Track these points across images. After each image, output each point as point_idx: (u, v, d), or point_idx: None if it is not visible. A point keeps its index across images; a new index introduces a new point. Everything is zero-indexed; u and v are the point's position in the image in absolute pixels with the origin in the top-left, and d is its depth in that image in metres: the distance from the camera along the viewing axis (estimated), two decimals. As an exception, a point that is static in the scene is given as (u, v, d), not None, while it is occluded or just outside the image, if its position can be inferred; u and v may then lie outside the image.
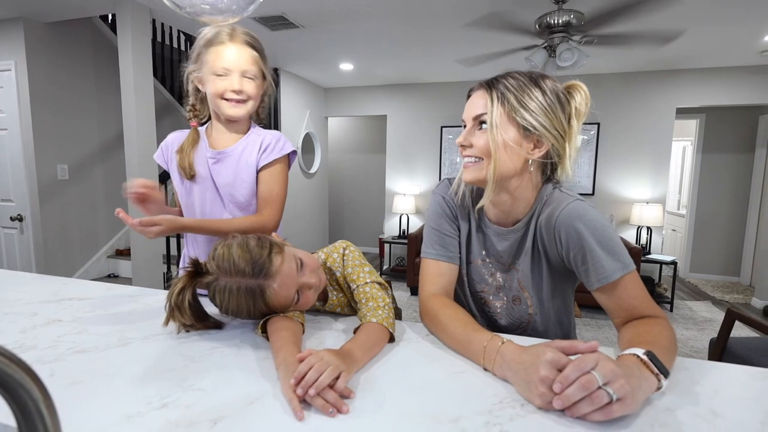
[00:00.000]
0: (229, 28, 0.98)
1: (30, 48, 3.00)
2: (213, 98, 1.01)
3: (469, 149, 0.79)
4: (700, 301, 4.14)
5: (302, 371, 0.57)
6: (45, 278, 1.22)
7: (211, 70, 0.98)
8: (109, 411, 0.55)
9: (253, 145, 1.05)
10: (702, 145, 4.80)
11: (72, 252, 3.48)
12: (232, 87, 0.98)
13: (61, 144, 3.28)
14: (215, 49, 0.97)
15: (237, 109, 1.01)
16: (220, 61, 0.97)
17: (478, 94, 0.78)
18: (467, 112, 0.79)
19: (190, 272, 0.77)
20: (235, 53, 0.97)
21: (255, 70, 1.00)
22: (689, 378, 0.65)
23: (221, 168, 1.05)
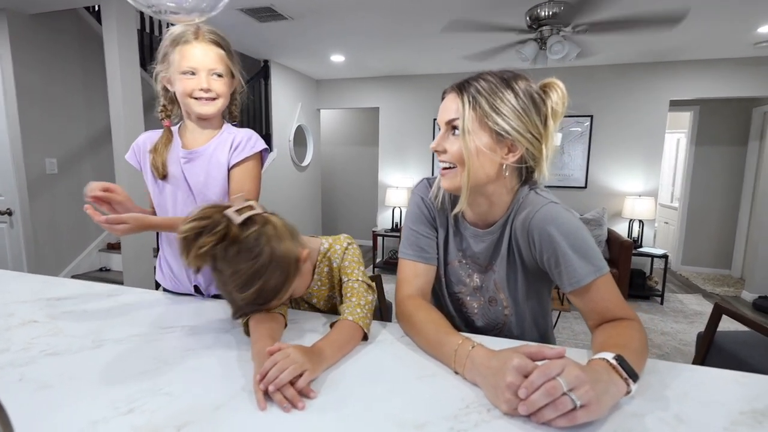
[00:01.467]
0: (194, 26, 0.97)
1: (14, 40, 2.94)
2: (182, 97, 1.00)
3: (443, 155, 0.78)
4: (690, 294, 4.17)
5: (266, 368, 0.59)
6: (26, 277, 1.21)
7: (178, 70, 0.97)
8: (74, 417, 0.55)
9: (224, 144, 1.05)
10: (695, 137, 4.80)
11: (63, 246, 3.46)
12: (200, 86, 0.97)
13: (49, 138, 3.24)
14: (181, 48, 0.96)
15: (207, 107, 1.00)
16: (186, 60, 0.96)
17: (450, 98, 0.77)
18: (440, 116, 0.78)
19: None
20: (201, 52, 0.97)
21: (222, 68, 1.00)
22: (660, 381, 0.65)
23: (193, 167, 1.04)
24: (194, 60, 0.96)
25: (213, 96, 1.00)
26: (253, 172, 1.06)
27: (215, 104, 1.01)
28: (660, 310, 3.70)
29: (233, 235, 0.68)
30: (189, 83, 0.97)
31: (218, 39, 1.00)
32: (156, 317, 0.91)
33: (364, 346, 0.77)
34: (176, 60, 0.97)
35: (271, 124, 4.23)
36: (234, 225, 0.68)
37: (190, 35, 0.96)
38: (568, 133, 4.25)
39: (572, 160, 4.28)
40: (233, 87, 1.07)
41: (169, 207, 1.07)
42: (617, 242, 3.73)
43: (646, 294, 3.93)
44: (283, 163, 4.46)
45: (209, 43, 0.98)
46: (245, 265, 0.69)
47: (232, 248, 0.68)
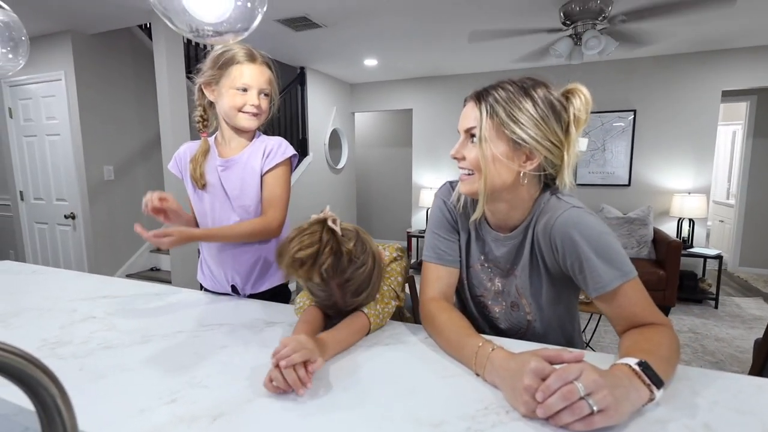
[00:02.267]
0: (248, 48, 1.07)
1: (77, 58, 3.22)
2: (229, 110, 1.07)
3: (462, 162, 0.79)
4: (749, 297, 3.87)
5: (279, 348, 0.64)
6: (86, 276, 1.34)
7: (232, 85, 1.05)
8: (125, 404, 0.61)
9: (257, 152, 1.11)
10: (753, 129, 4.45)
11: (118, 247, 3.73)
12: (252, 102, 1.06)
13: (106, 147, 3.51)
14: (238, 66, 1.05)
15: (252, 121, 1.09)
16: (242, 78, 1.05)
17: (469, 106, 0.78)
18: (460, 124, 0.79)
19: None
20: (257, 72, 1.06)
21: (270, 89, 1.10)
22: (690, 388, 0.63)
23: (229, 175, 1.11)
24: (249, 78, 1.05)
25: (258, 112, 1.09)
26: (283, 177, 1.12)
27: (259, 119, 1.10)
28: (714, 314, 3.46)
29: (342, 248, 0.75)
30: (240, 98, 1.06)
31: (270, 63, 1.10)
32: (197, 315, 0.99)
33: (386, 347, 0.79)
34: (231, 76, 1.05)
35: (307, 128, 4.35)
36: (340, 237, 0.75)
37: (247, 56, 1.06)
38: (610, 128, 4.07)
39: (614, 157, 4.10)
40: (273, 104, 1.15)
41: (208, 214, 1.14)
42: (664, 242, 3.53)
43: (699, 297, 3.69)
44: (319, 166, 4.57)
45: (263, 65, 1.08)
46: (358, 272, 0.77)
47: (343, 259, 0.75)
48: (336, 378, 0.68)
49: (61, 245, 3.61)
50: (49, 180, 3.55)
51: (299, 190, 4.21)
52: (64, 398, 0.37)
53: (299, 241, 0.74)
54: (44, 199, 3.61)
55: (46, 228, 3.67)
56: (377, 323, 0.83)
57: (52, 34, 3.23)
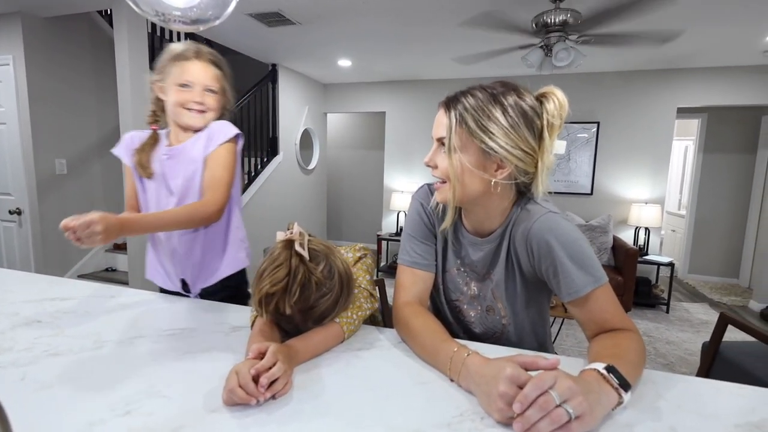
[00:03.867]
0: (196, 46, 1.07)
1: (28, 43, 3.00)
2: (174, 107, 1.06)
3: (435, 170, 0.78)
4: (697, 302, 4.12)
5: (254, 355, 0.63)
6: (32, 277, 1.23)
7: (175, 82, 1.04)
8: (73, 418, 0.56)
9: (200, 139, 1.08)
10: (703, 144, 4.76)
11: (70, 246, 3.50)
12: (194, 98, 1.05)
13: (59, 139, 3.29)
14: (181, 63, 1.04)
15: (196, 119, 1.07)
16: (185, 74, 1.04)
17: (440, 113, 0.76)
18: (433, 131, 0.78)
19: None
20: (200, 69, 1.05)
21: (216, 86, 1.08)
22: (655, 392, 0.65)
23: (173, 164, 1.08)
24: (192, 75, 1.04)
25: (204, 109, 1.07)
26: (225, 159, 1.05)
27: (204, 117, 1.08)
28: (665, 318, 3.66)
29: (312, 276, 0.71)
30: (183, 95, 1.05)
31: (216, 60, 1.09)
32: (157, 319, 0.93)
33: (360, 353, 0.77)
34: (175, 73, 1.04)
35: (278, 127, 4.26)
36: (309, 264, 0.71)
37: (192, 53, 1.05)
38: (574, 139, 4.23)
39: (578, 167, 4.26)
40: (223, 104, 1.13)
41: (152, 205, 1.11)
42: (623, 250, 3.70)
43: (652, 302, 3.89)
44: (290, 166, 4.49)
45: (208, 62, 1.07)
46: (322, 300, 0.73)
47: (311, 287, 0.71)
48: (305, 385, 0.65)
49: (4, 243, 3.35)
50: (-8, 172, 3.29)
51: (269, 190, 4.11)
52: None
53: (270, 277, 0.70)
54: (-14, 193, 3.34)
55: (-12, 224, 3.39)
56: (351, 331, 0.80)
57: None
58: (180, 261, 1.12)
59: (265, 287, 0.70)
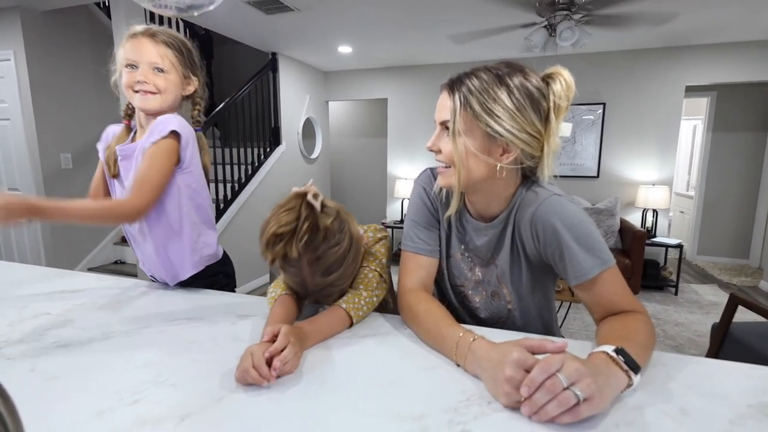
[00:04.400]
0: (153, 27, 0.98)
1: (28, 37, 2.99)
2: (125, 90, 0.99)
3: (438, 155, 0.76)
4: (706, 284, 4.09)
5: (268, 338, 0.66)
6: (40, 269, 1.25)
7: (122, 63, 0.97)
8: (82, 407, 0.56)
9: (146, 136, 0.99)
10: (712, 123, 4.66)
11: (79, 239, 3.54)
12: (138, 78, 0.96)
13: (63, 133, 3.30)
14: (127, 42, 0.97)
15: (146, 101, 0.98)
16: (129, 53, 0.96)
17: (444, 96, 0.74)
18: (436, 114, 0.75)
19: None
20: (145, 46, 0.96)
21: (165, 65, 0.98)
22: (665, 374, 0.64)
23: (126, 164, 1.03)
24: (135, 53, 0.96)
25: (152, 90, 0.97)
26: (158, 155, 0.95)
27: (155, 99, 0.98)
28: (674, 300, 3.64)
29: (319, 223, 0.70)
30: (130, 76, 0.97)
31: (168, 38, 0.99)
32: (164, 310, 0.93)
33: (365, 339, 0.77)
34: (121, 53, 0.97)
35: (279, 116, 4.24)
36: (319, 213, 0.71)
37: (141, 31, 0.96)
38: (580, 121, 4.17)
39: (584, 149, 4.20)
40: (189, 89, 1.05)
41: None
42: (630, 232, 3.67)
43: (660, 285, 3.87)
44: (292, 155, 4.47)
45: (157, 41, 0.97)
46: (331, 251, 0.72)
47: (319, 235, 0.70)
48: (313, 372, 0.65)
49: (14, 238, 3.39)
50: (-1, 168, 3.31)
51: (272, 180, 4.11)
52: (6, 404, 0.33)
53: (277, 219, 0.70)
54: (-6, 189, 3.38)
55: (-2, 219, 3.43)
56: (359, 316, 0.80)
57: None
58: (145, 258, 1.11)
59: (272, 228, 0.69)
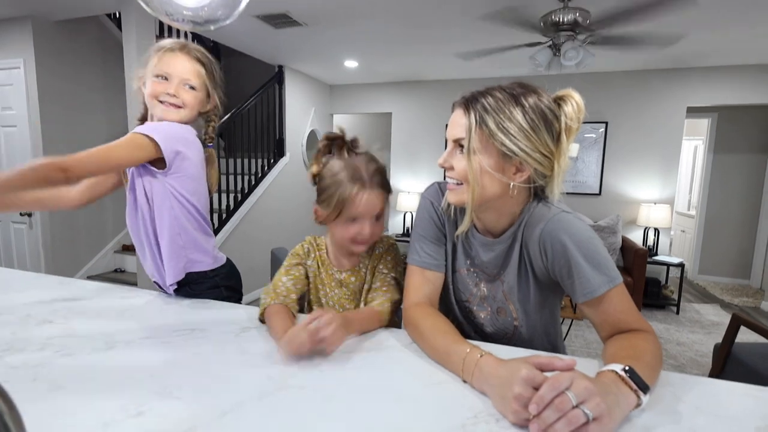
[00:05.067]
0: (185, 42, 1.02)
1: (38, 46, 3.04)
2: (149, 99, 1.01)
3: (450, 171, 0.76)
4: (708, 303, 4.07)
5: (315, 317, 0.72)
6: (43, 278, 1.24)
7: (153, 72, 0.99)
8: (85, 418, 0.56)
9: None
10: (713, 144, 4.70)
11: (80, 247, 3.54)
12: (167, 90, 0.99)
13: (69, 141, 3.33)
14: (163, 54, 0.99)
15: (169, 112, 1.00)
16: (163, 65, 0.99)
17: (458, 114, 0.74)
18: (449, 131, 0.76)
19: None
20: (180, 61, 1.00)
21: (197, 82, 1.02)
22: (672, 394, 0.63)
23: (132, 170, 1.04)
24: (170, 66, 0.99)
25: (178, 104, 1.01)
26: (122, 139, 0.94)
27: (178, 112, 1.01)
28: (675, 320, 3.61)
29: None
30: (159, 86, 0.99)
31: (202, 57, 1.03)
32: (167, 320, 0.93)
33: (370, 354, 0.76)
34: (153, 63, 0.99)
35: (284, 128, 4.28)
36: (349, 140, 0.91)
37: (177, 46, 1.00)
38: (582, 139, 4.20)
39: (586, 167, 4.23)
40: (208, 107, 1.08)
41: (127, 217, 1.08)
42: (631, 250, 3.66)
43: (661, 303, 3.85)
44: (296, 167, 4.50)
45: (191, 58, 1.01)
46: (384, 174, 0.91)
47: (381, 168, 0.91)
48: (318, 387, 0.64)
49: (15, 245, 3.39)
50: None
51: (275, 191, 4.13)
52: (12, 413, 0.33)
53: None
54: (-2, 195, 3.38)
55: (-1, 226, 3.44)
56: (387, 319, 0.87)
57: (10, 19, 3.04)
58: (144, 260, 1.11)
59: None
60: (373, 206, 0.86)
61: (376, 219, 0.88)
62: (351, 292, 0.95)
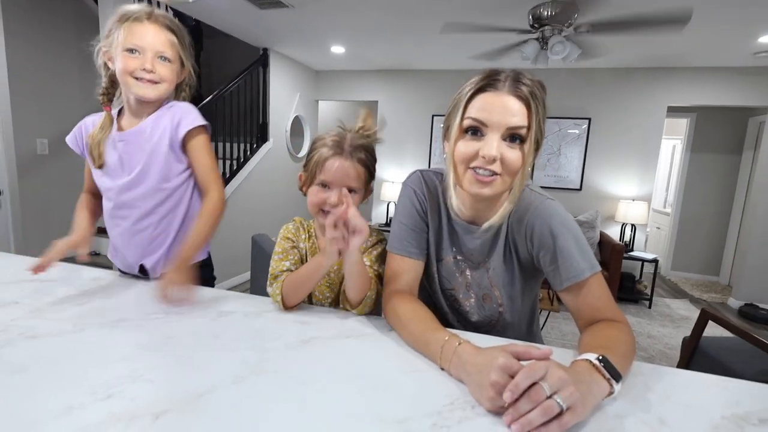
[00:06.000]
0: (149, 8, 0.95)
1: (6, 18, 2.88)
2: (122, 76, 0.94)
3: (492, 163, 0.69)
4: (678, 299, 4.22)
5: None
6: (8, 257, 1.20)
7: (123, 46, 0.92)
8: (49, 401, 0.54)
9: (162, 121, 0.99)
10: (691, 144, 4.83)
11: (52, 228, 3.42)
12: (143, 65, 0.93)
13: (41, 118, 3.19)
14: (130, 25, 0.92)
15: (147, 89, 0.95)
16: (133, 37, 0.92)
17: (512, 101, 0.69)
18: (496, 117, 0.69)
19: None
20: (151, 33, 0.93)
21: (171, 54, 0.97)
22: (643, 384, 0.65)
23: (131, 150, 1.00)
24: (142, 39, 0.92)
25: (156, 79, 0.95)
26: (208, 144, 1.03)
27: (157, 88, 0.96)
28: (647, 314, 3.73)
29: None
30: (132, 62, 0.92)
31: (172, 25, 0.97)
32: (141, 303, 0.90)
33: (350, 339, 0.76)
34: (122, 36, 0.92)
35: (268, 113, 4.19)
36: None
37: (143, 15, 0.93)
38: (565, 134, 4.25)
39: (568, 162, 4.29)
40: (182, 77, 1.04)
41: (114, 198, 1.04)
42: (609, 245, 3.75)
43: (635, 297, 3.97)
44: (280, 153, 4.43)
45: (162, 26, 0.95)
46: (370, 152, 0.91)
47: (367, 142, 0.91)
48: (295, 373, 0.64)
49: (-18, 223, 3.25)
50: (-30, 150, 3.17)
51: (257, 177, 4.06)
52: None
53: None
54: (-36, 171, 3.23)
55: (-35, 203, 3.29)
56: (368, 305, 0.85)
57: (-22, -13, 2.87)
58: (139, 248, 1.07)
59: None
60: (345, 175, 0.85)
61: (349, 192, 0.87)
62: (332, 281, 0.94)
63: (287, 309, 0.87)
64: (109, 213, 1.07)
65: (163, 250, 1.07)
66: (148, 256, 1.07)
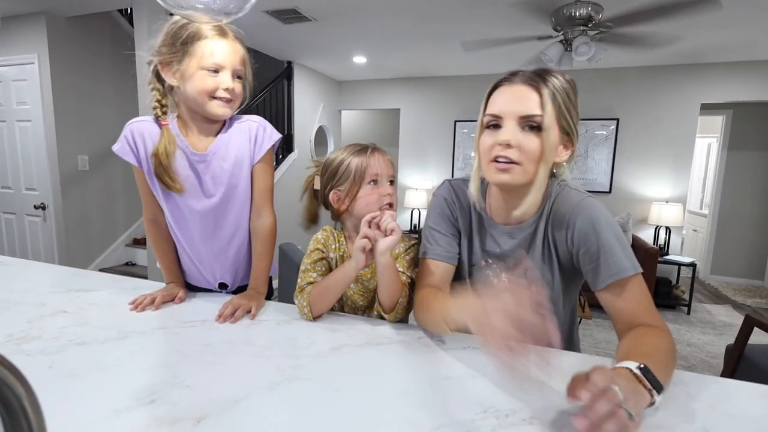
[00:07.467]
0: (220, 24, 0.90)
1: (52, 42, 3.07)
2: (198, 95, 0.89)
3: (509, 150, 0.71)
4: (719, 304, 4.01)
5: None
6: (56, 268, 1.26)
7: (200, 65, 0.88)
8: (99, 405, 0.57)
9: (241, 136, 0.97)
10: (727, 142, 4.62)
11: (92, 240, 3.59)
12: (225, 85, 0.90)
13: (81, 136, 3.37)
14: (206, 42, 0.88)
15: (225, 109, 0.92)
16: (213, 56, 0.88)
17: (524, 90, 0.71)
18: (509, 107, 0.72)
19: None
20: (230, 50, 0.90)
21: (245, 72, 0.95)
22: (686, 393, 0.63)
23: (213, 170, 0.96)
24: (222, 57, 0.89)
25: (233, 97, 0.93)
26: (270, 165, 1.05)
27: (232, 106, 0.94)
28: (686, 320, 3.57)
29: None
30: (211, 81, 0.89)
31: (243, 39, 0.94)
32: (178, 311, 0.94)
33: (381, 345, 0.77)
34: (199, 54, 0.88)
35: (292, 124, 4.29)
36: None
37: (214, 31, 0.89)
38: (593, 136, 4.15)
39: (597, 164, 4.18)
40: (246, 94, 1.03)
41: (190, 220, 0.99)
42: (642, 249, 3.62)
43: (672, 303, 3.80)
44: (304, 163, 4.51)
45: (235, 41, 0.92)
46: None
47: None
48: (327, 379, 0.65)
49: (29, 237, 3.45)
50: (18, 168, 3.38)
51: (283, 187, 4.14)
52: (30, 399, 0.33)
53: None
54: (12, 188, 3.44)
55: (14, 218, 3.50)
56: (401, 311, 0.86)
57: (25, 15, 3.08)
58: (220, 266, 1.06)
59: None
60: (387, 166, 0.90)
61: (390, 183, 0.91)
62: (365, 289, 0.95)
63: (315, 318, 0.89)
64: (199, 235, 1.02)
65: (246, 264, 1.09)
66: (231, 271, 1.08)
